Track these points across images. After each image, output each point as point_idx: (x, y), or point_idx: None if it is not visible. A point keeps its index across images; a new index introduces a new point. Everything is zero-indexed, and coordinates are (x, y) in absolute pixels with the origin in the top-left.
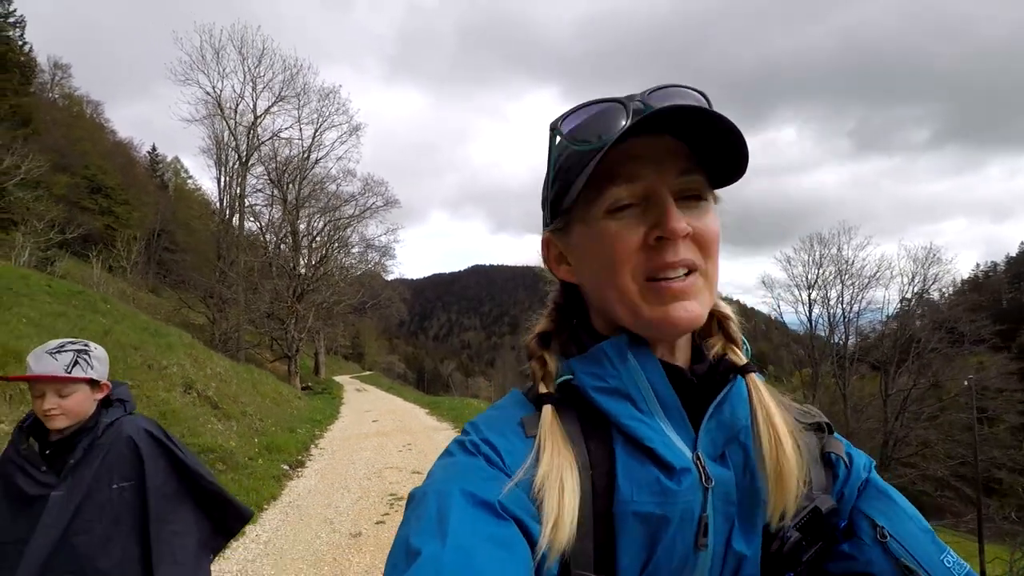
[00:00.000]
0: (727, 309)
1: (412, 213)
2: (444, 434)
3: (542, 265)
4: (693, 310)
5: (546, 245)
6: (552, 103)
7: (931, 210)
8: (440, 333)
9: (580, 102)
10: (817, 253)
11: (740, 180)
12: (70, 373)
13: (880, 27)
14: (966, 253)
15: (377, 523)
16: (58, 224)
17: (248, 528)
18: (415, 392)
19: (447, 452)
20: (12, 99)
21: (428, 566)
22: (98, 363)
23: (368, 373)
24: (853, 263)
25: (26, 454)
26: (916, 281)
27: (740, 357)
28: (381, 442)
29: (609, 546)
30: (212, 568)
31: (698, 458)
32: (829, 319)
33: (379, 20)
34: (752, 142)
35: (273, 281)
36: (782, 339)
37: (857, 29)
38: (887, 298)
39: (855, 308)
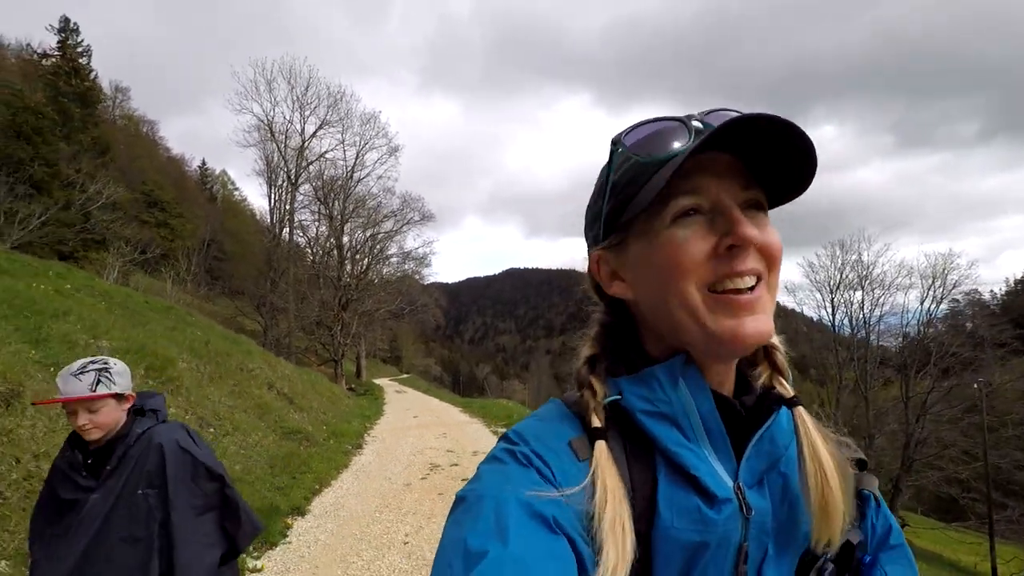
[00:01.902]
0: (775, 339)
1: (447, 218)
2: (474, 427)
3: (588, 285)
4: (764, 324)
5: (596, 263)
6: (583, 109)
7: (984, 206)
8: (475, 336)
9: (644, 119)
10: (840, 259)
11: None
12: (95, 391)
13: (915, 21)
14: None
15: (422, 479)
16: (140, 244)
17: (335, 481)
18: (450, 394)
19: (496, 459)
20: (94, 131)
21: (492, 568)
22: (119, 378)
23: (406, 376)
24: (873, 268)
25: (70, 461)
26: (936, 286)
27: (787, 389)
28: (421, 432)
29: (645, 570)
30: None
31: (739, 488)
32: (851, 324)
33: (412, 33)
34: None
35: (320, 291)
36: (824, 340)
37: (891, 23)
38: (906, 303)
39: (877, 313)
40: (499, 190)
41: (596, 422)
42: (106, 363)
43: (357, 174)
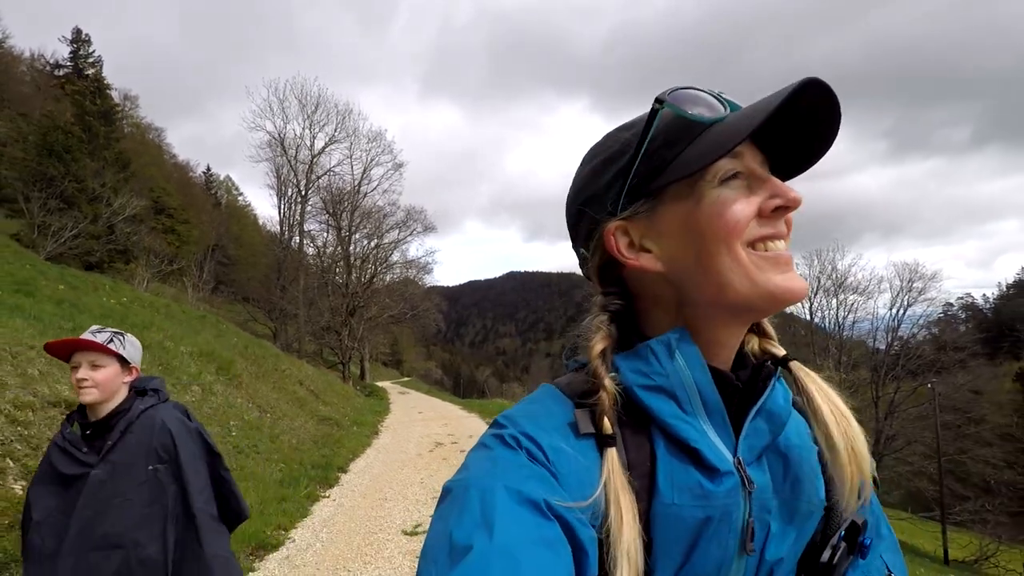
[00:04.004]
0: None
1: (448, 222)
2: (472, 419)
3: (590, 268)
4: (803, 283)
5: (613, 235)
6: (582, 114)
7: (981, 211)
8: (476, 339)
9: (683, 84)
10: (817, 267)
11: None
12: (106, 345)
13: (906, 30)
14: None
15: (429, 451)
16: (166, 256)
17: (363, 453)
18: (451, 395)
19: (483, 445)
20: (116, 147)
21: (477, 562)
22: (131, 347)
23: (407, 379)
24: (847, 277)
25: (70, 437)
26: (903, 293)
27: (779, 348)
28: (425, 423)
29: (646, 549)
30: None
31: (739, 462)
32: (827, 328)
33: (415, 40)
34: None
35: (329, 298)
36: (823, 343)
37: (883, 32)
38: (875, 310)
39: (851, 319)
40: (500, 194)
41: (608, 428)
42: (122, 332)
43: (364, 188)
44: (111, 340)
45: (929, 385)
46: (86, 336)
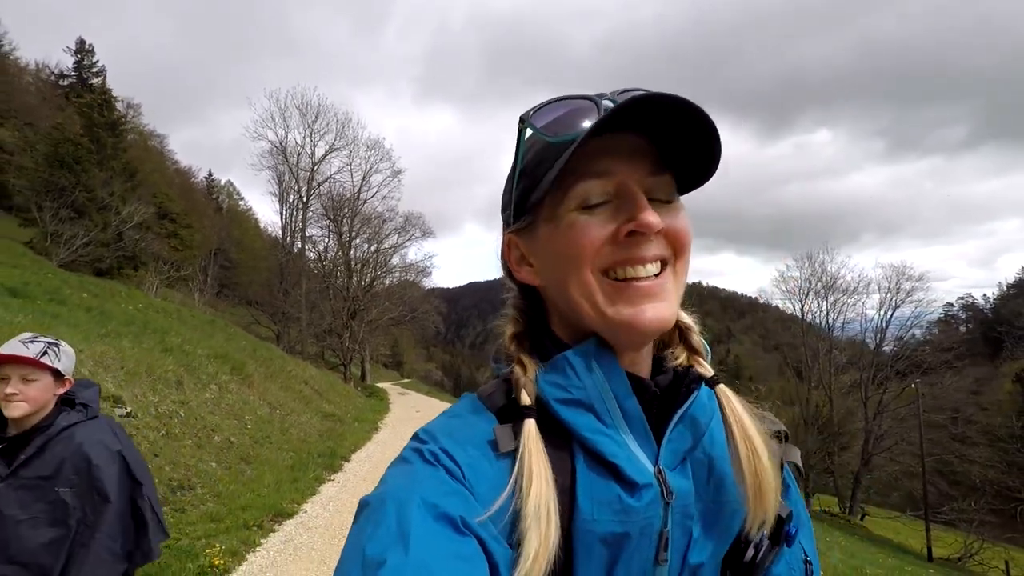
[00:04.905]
0: (689, 319)
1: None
2: None
3: (502, 269)
4: (663, 312)
5: (507, 247)
6: None
7: (980, 211)
8: (476, 341)
9: (552, 97)
10: (807, 270)
11: (718, 184)
12: (39, 359)
13: (898, 31)
14: None
15: None
16: (174, 263)
17: (363, 446)
18: (450, 396)
19: (402, 459)
20: (123, 157)
21: None
22: (66, 357)
23: (407, 380)
24: (836, 279)
25: None
26: (891, 294)
27: (707, 368)
28: (422, 420)
29: (566, 566)
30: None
31: (660, 472)
32: (818, 328)
33: (409, 44)
34: (781, 146)
35: (331, 302)
36: (813, 344)
37: (876, 33)
38: (863, 311)
39: (841, 320)
40: (498, 196)
41: (526, 399)
42: (57, 341)
43: (363, 194)
44: (45, 352)
45: (913, 385)
46: (15, 345)
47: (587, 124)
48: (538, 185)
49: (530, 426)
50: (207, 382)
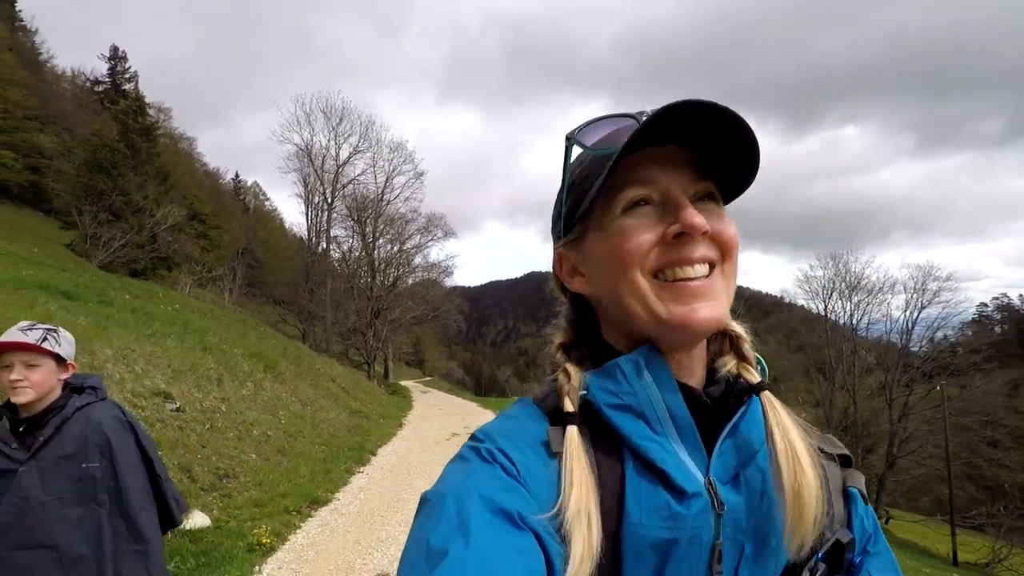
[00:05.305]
0: (739, 328)
1: (468, 223)
2: (488, 415)
3: (553, 284)
4: (715, 311)
5: (559, 260)
6: (599, 115)
7: (1017, 207)
8: (497, 339)
9: (596, 115)
10: (831, 269)
11: (754, 188)
12: (40, 345)
13: (921, 22)
14: None
15: (447, 440)
16: (206, 264)
17: (389, 441)
18: (471, 394)
19: (461, 457)
20: (157, 161)
21: (454, 567)
22: (66, 343)
23: (428, 378)
24: (860, 279)
25: None
26: (917, 295)
27: (754, 375)
28: (444, 418)
29: (615, 569)
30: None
31: (710, 483)
32: (843, 329)
33: (428, 50)
34: (808, 142)
35: (355, 301)
36: (837, 344)
37: (899, 25)
38: (888, 312)
39: (865, 321)
40: (518, 195)
41: (569, 406)
42: (55, 328)
43: (387, 195)
44: (45, 338)
45: (938, 387)
46: (15, 333)
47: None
48: (585, 198)
49: (571, 432)
50: (244, 379)
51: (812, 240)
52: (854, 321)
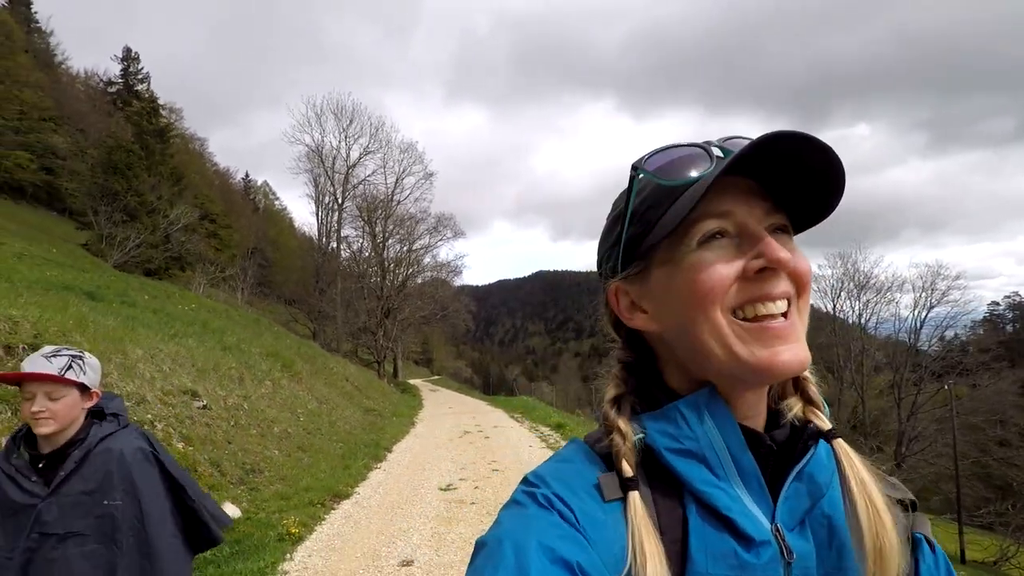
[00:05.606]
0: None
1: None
2: (496, 413)
3: (605, 320)
4: (801, 352)
5: (616, 294)
6: (608, 115)
7: None
8: (505, 338)
9: (664, 144)
10: (840, 269)
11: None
12: (63, 375)
13: (930, 20)
14: None
15: (458, 437)
16: (219, 264)
17: (403, 439)
18: (479, 393)
19: (516, 502)
20: (170, 163)
21: None
22: (91, 370)
23: (437, 377)
24: (869, 279)
25: (16, 464)
26: (926, 294)
27: (824, 422)
28: (455, 416)
29: None
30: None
31: (777, 530)
32: (851, 327)
33: (437, 48)
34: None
35: (365, 301)
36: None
37: (908, 23)
38: (897, 311)
39: (874, 320)
40: (526, 194)
41: (628, 470)
42: (81, 353)
43: (397, 196)
44: (69, 366)
45: (946, 386)
46: (38, 361)
47: (697, 171)
48: (651, 229)
49: (635, 500)
50: (262, 378)
51: (821, 239)
52: (863, 320)
